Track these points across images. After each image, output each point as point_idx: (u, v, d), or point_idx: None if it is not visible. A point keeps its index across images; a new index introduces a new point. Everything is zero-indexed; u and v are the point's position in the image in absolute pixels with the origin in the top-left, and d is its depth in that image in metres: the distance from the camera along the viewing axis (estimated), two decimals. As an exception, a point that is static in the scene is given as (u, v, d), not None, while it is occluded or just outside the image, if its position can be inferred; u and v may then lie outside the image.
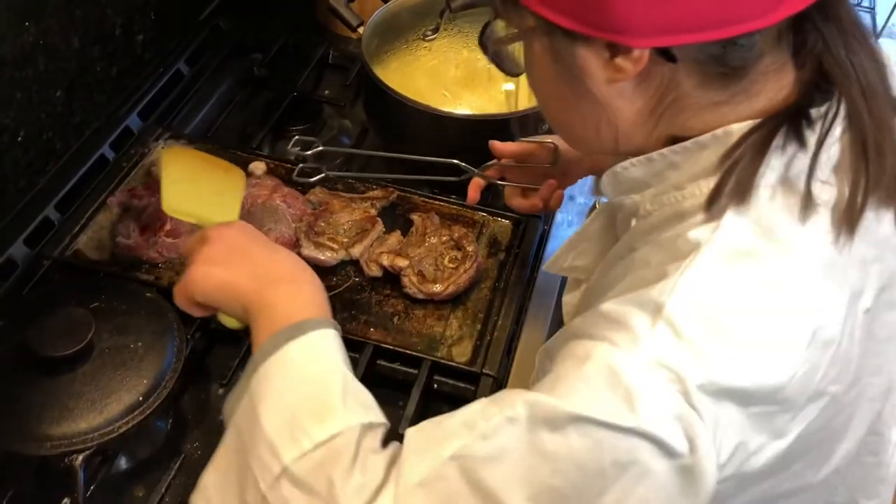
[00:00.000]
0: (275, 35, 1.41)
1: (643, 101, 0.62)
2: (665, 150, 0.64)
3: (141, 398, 0.85)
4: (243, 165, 1.16)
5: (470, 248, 1.05)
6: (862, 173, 0.59)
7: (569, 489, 0.55)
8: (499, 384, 0.97)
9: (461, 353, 0.99)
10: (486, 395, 0.92)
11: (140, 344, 0.89)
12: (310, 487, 0.60)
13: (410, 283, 1.02)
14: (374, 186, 1.14)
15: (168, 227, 1.05)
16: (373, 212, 1.10)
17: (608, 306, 0.59)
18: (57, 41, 1.10)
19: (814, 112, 0.60)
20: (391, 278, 1.05)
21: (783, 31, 0.59)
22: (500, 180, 1.07)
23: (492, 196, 1.16)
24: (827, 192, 0.60)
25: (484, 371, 0.96)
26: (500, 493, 0.56)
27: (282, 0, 1.54)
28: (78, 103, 1.17)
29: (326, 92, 1.39)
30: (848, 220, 0.59)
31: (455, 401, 0.98)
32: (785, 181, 0.60)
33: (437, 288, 1.02)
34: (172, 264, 1.05)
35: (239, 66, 1.39)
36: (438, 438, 0.60)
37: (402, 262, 1.03)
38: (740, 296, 0.57)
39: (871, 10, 2.20)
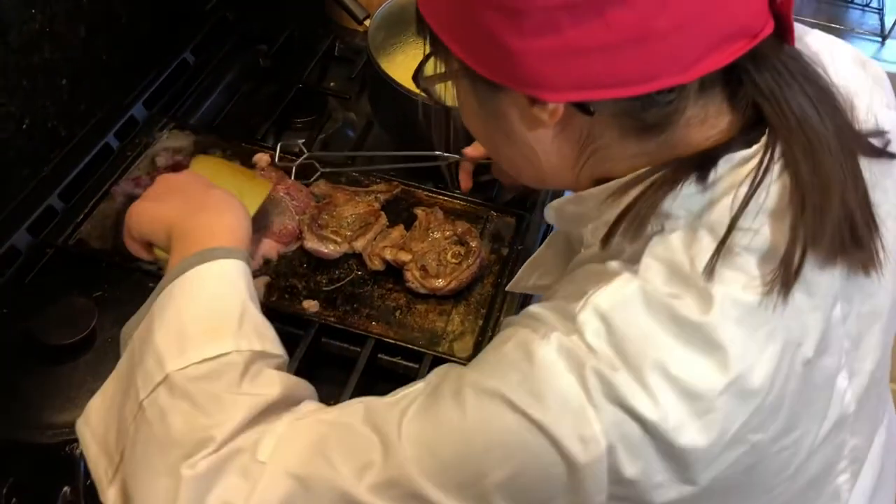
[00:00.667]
0: (281, 26, 1.41)
1: (567, 148, 0.63)
2: (594, 191, 0.64)
3: (142, 388, 0.85)
4: (248, 157, 1.17)
5: (473, 244, 1.05)
6: (800, 229, 0.56)
7: (454, 460, 0.57)
8: (500, 380, 0.97)
9: (463, 349, 0.99)
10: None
11: (142, 334, 0.89)
12: (190, 397, 0.62)
13: (413, 278, 1.02)
14: (378, 180, 1.14)
15: (172, 217, 1.04)
16: (377, 205, 1.10)
17: (535, 308, 0.61)
18: (63, 29, 1.09)
19: (742, 154, 0.58)
20: (393, 272, 1.05)
21: (709, 81, 0.57)
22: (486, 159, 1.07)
23: (496, 191, 1.16)
24: (752, 238, 0.57)
25: (485, 367, 0.96)
26: (390, 437, 0.59)
27: (288, -9, 1.55)
28: (83, 92, 1.17)
29: (332, 84, 1.38)
30: (784, 278, 0.56)
31: (456, 396, 0.98)
32: (704, 224, 0.58)
33: (440, 283, 1.02)
34: (175, 255, 1.05)
35: (245, 57, 1.38)
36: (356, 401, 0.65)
37: (404, 257, 1.03)
38: (646, 331, 0.56)
39: (880, 11, 2.19)
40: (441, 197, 1.15)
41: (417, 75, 0.68)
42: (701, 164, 0.58)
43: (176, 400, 0.63)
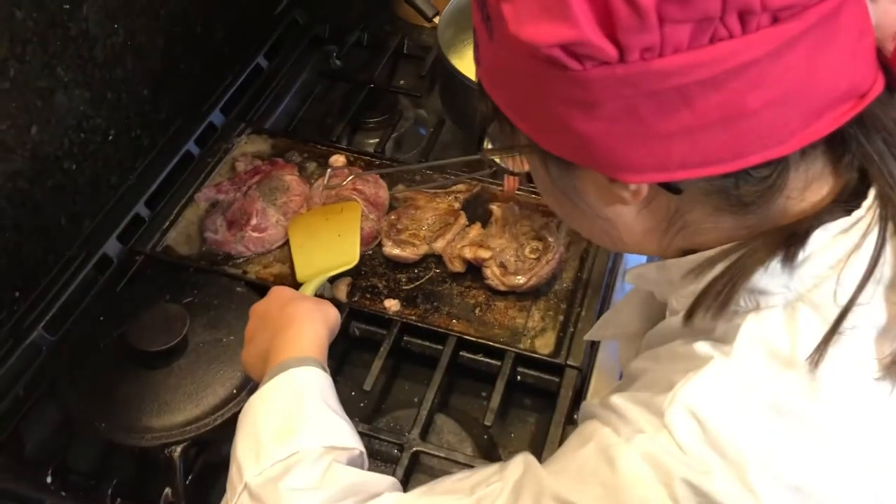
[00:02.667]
0: (350, 27, 1.42)
1: (652, 223, 0.57)
2: (679, 260, 0.58)
3: (235, 391, 0.88)
4: (324, 158, 1.18)
5: (551, 239, 1.05)
6: None
7: None
8: (583, 376, 0.97)
9: (544, 345, 0.99)
10: (570, 388, 0.94)
11: (232, 338, 0.92)
12: (262, 500, 0.63)
13: (493, 275, 1.03)
14: (453, 180, 1.15)
15: (254, 221, 1.07)
16: (456, 205, 1.10)
17: (617, 400, 0.56)
18: (144, 41, 1.13)
19: (841, 224, 0.52)
20: (472, 269, 1.05)
21: (810, 148, 0.51)
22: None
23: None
24: (865, 315, 0.52)
25: (568, 363, 0.96)
26: None
27: (356, -9, 1.56)
28: (163, 100, 1.20)
29: (402, 82, 1.39)
30: None
31: (539, 393, 0.98)
32: (806, 301, 0.53)
33: (520, 280, 1.02)
34: (259, 258, 1.07)
35: (316, 58, 1.40)
36: (439, 489, 0.63)
37: (484, 254, 1.03)
38: (745, 426, 0.51)
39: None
40: (517, 192, 1.14)
41: (481, 153, 0.64)
42: (794, 236, 0.52)
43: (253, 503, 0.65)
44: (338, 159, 1.17)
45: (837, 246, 0.52)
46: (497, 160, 0.66)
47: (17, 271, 0.98)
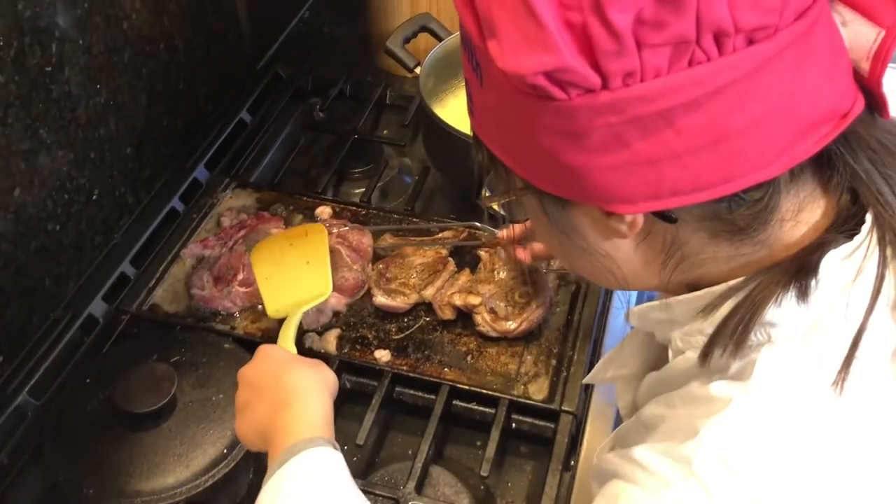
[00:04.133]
0: (333, 79, 1.43)
1: (651, 255, 0.58)
2: (682, 298, 0.59)
3: (225, 451, 0.86)
4: (310, 210, 1.18)
5: (541, 282, 1.04)
6: None
7: None
8: (579, 421, 0.95)
9: (538, 391, 0.98)
10: (566, 433, 0.93)
11: (221, 396, 0.90)
12: None
13: (483, 322, 1.02)
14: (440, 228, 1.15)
15: (241, 276, 1.06)
16: (444, 252, 1.10)
17: (641, 454, 0.55)
18: (126, 100, 1.13)
19: (844, 249, 0.53)
20: (462, 316, 1.05)
21: (798, 169, 0.52)
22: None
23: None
24: (878, 336, 0.52)
25: (563, 408, 0.95)
26: None
27: (338, 44, 1.57)
28: (147, 158, 1.20)
29: (385, 132, 1.40)
30: None
31: (534, 440, 0.97)
32: (819, 329, 0.53)
33: (511, 325, 1.01)
34: (247, 313, 1.06)
35: (299, 111, 1.41)
36: None
37: (474, 300, 1.03)
38: (775, 463, 0.51)
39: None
40: (499, 220, 1.14)
41: (479, 200, 0.64)
42: (805, 268, 0.53)
43: None
44: (323, 211, 1.17)
45: (843, 271, 0.53)
46: (495, 207, 0.66)
47: (0, 335, 0.97)
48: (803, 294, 0.52)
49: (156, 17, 1.16)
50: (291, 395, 0.72)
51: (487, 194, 0.63)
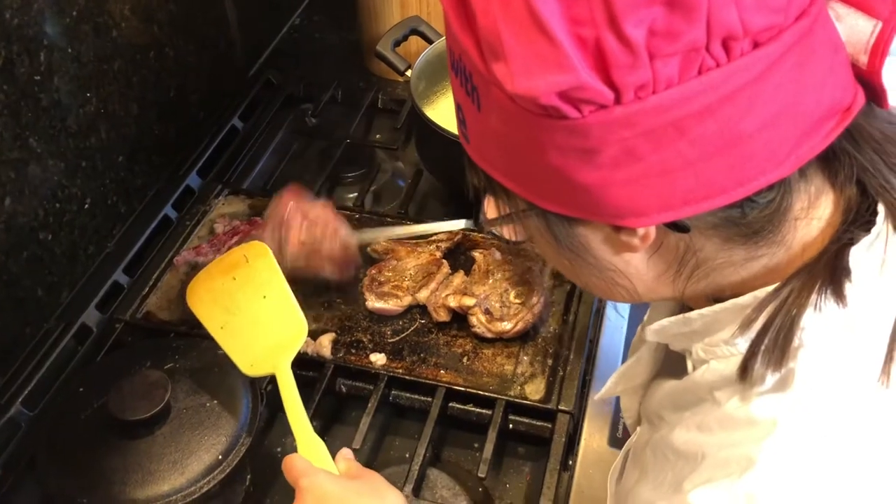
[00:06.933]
0: (324, 84, 1.43)
1: (662, 266, 0.57)
2: (704, 311, 0.58)
3: (220, 457, 0.85)
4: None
5: (535, 283, 1.04)
6: None
7: None
8: (576, 421, 0.95)
9: (534, 391, 0.98)
10: (563, 433, 0.92)
11: (215, 402, 0.89)
12: None
13: (479, 323, 1.01)
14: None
15: (234, 282, 1.05)
16: (438, 254, 1.09)
17: (700, 497, 0.53)
18: (117, 108, 1.13)
19: (864, 243, 0.53)
20: (458, 318, 1.04)
21: (807, 169, 0.53)
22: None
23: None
24: None
25: (560, 408, 0.95)
26: None
27: (329, 50, 1.57)
28: (139, 166, 1.20)
29: (378, 136, 1.40)
30: None
31: (532, 440, 0.97)
32: (857, 327, 0.53)
33: (506, 326, 1.01)
34: (241, 319, 1.05)
35: (292, 117, 1.41)
36: None
37: (469, 302, 1.02)
38: (837, 479, 0.50)
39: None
40: (498, 238, 1.14)
41: (480, 222, 0.64)
42: (834, 269, 0.53)
43: None
44: (317, 215, 1.17)
45: (868, 263, 0.53)
46: (495, 230, 0.65)
47: (-7, 346, 0.97)
48: (839, 295, 0.52)
49: (146, 25, 1.16)
50: None
51: (489, 217, 0.61)
